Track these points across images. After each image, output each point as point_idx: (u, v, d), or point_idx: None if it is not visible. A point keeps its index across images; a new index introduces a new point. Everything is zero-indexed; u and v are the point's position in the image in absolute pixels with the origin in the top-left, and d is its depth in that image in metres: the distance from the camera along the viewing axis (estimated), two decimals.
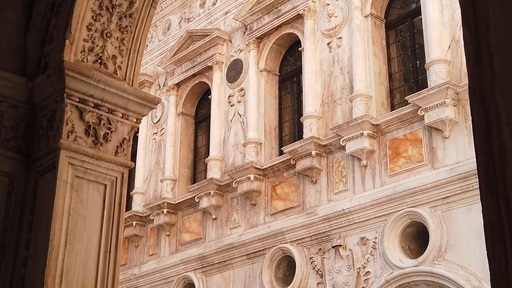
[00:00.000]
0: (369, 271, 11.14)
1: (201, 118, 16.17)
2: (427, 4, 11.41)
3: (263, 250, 12.85)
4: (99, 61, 4.07)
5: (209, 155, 14.66)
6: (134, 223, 15.63)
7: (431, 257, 10.38)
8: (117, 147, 4.08)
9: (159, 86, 16.85)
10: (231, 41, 15.24)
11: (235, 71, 14.86)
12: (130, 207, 16.28)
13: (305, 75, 13.17)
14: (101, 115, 4.04)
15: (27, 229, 3.81)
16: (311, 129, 12.55)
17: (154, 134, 16.52)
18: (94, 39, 4.04)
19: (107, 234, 3.87)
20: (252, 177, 13.20)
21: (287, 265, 12.58)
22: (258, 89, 14.18)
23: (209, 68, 15.37)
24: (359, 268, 11.24)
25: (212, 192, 13.98)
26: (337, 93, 12.64)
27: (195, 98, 16.22)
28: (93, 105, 4.02)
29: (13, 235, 3.83)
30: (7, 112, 4.01)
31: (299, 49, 13.76)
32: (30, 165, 4.00)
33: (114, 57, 4.12)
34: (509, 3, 1.68)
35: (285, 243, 12.46)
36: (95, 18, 4.05)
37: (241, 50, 14.90)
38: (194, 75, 15.85)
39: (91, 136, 3.97)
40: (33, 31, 4.13)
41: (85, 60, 4.02)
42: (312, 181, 12.48)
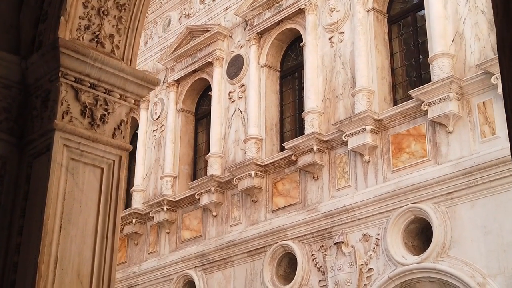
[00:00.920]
0: (371, 268, 11.00)
1: (201, 114, 16.03)
2: None
3: (264, 247, 12.70)
4: (96, 40, 3.92)
5: (209, 152, 14.51)
6: (133, 221, 15.50)
7: (435, 254, 10.23)
8: (115, 129, 3.92)
9: (159, 82, 16.66)
10: (231, 37, 15.10)
11: (235, 67, 14.71)
12: (129, 205, 16.17)
13: (306, 70, 13.02)
14: (98, 96, 3.89)
15: (20, 215, 3.66)
16: (312, 124, 12.40)
17: (154, 131, 16.38)
18: (90, 16, 3.88)
19: (104, 219, 3.71)
20: (253, 173, 13.06)
21: (289, 262, 12.44)
22: (259, 85, 14.04)
23: (210, 64, 15.23)
24: (362, 265, 11.09)
25: (212, 189, 13.84)
26: (339, 88, 12.49)
27: (195, 94, 16.07)
28: (89, 85, 3.86)
29: (6, 221, 3.67)
30: None
31: (301, 44, 13.61)
32: (23, 148, 3.84)
33: (111, 36, 3.97)
34: None
35: (286, 240, 12.32)
36: None
37: (241, 45, 14.75)
38: (194, 71, 15.71)
39: (87, 117, 3.82)
40: (27, 9, 3.97)
41: (81, 38, 3.87)
42: (313, 177, 12.33)
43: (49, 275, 3.45)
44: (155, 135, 16.29)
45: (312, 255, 11.91)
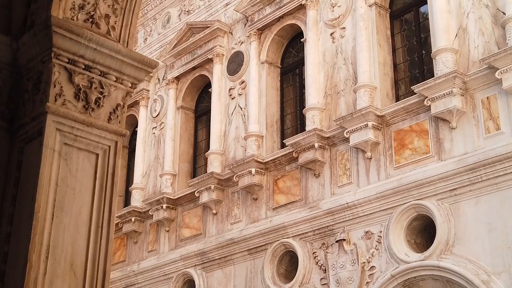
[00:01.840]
0: (374, 266, 10.85)
1: (201, 112, 15.88)
2: None
3: (264, 245, 12.56)
4: (91, 20, 3.75)
5: (209, 149, 14.36)
6: (133, 219, 15.37)
7: (438, 251, 10.08)
8: (110, 113, 3.75)
9: (159, 79, 16.56)
10: (231, 33, 14.95)
11: (236, 63, 14.56)
12: (128, 203, 16.05)
13: (307, 66, 12.88)
14: (93, 78, 3.72)
15: (11, 203, 3.49)
16: (313, 121, 12.25)
17: (153, 128, 16.23)
18: None
19: (99, 207, 3.54)
20: (253, 170, 12.91)
21: (290, 261, 12.29)
22: (259, 82, 13.89)
23: (210, 60, 15.08)
24: (364, 263, 10.94)
25: (212, 186, 13.69)
26: (341, 84, 12.34)
27: (195, 91, 15.92)
28: (83, 67, 3.68)
29: None
30: None
31: (301, 40, 13.47)
32: (14, 133, 3.68)
33: (107, 16, 3.80)
34: None
35: (287, 238, 12.17)
36: None
37: (242, 42, 14.61)
38: (194, 68, 15.56)
39: (82, 100, 3.65)
40: None
41: (75, 18, 3.70)
42: (315, 174, 12.18)
43: (41, 265, 3.29)
44: (154, 133, 16.14)
45: (313, 253, 11.77)
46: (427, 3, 11.58)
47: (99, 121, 3.67)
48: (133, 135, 17.17)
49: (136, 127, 16.84)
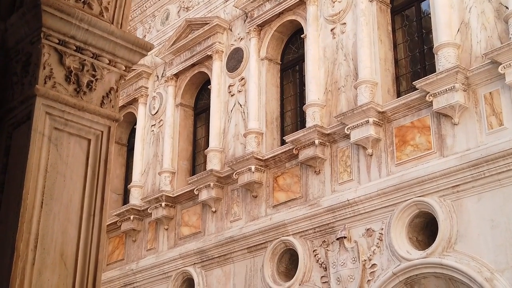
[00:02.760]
0: (375, 264, 10.72)
1: (200, 109, 15.74)
2: None
3: (264, 243, 12.43)
4: (83, 0, 3.61)
5: (208, 147, 14.22)
6: (131, 217, 15.23)
7: (441, 248, 9.94)
8: (103, 97, 3.60)
9: (157, 77, 16.42)
10: (231, 30, 14.81)
11: (235, 60, 14.43)
12: (127, 201, 15.92)
13: (307, 62, 12.74)
14: (84, 60, 3.57)
15: None
16: (314, 117, 12.11)
17: (152, 126, 16.10)
18: None
19: (90, 195, 3.39)
20: (253, 168, 12.77)
21: (290, 259, 12.15)
22: (259, 78, 13.75)
23: (209, 57, 14.94)
24: (365, 260, 10.81)
25: (211, 184, 13.55)
26: (341, 80, 12.21)
27: (194, 88, 15.78)
28: (75, 48, 3.53)
29: None
30: None
31: (302, 36, 13.33)
32: (2, 118, 3.53)
33: None
34: None
35: (287, 236, 12.03)
36: None
37: (241, 38, 14.47)
38: (193, 65, 15.42)
39: (73, 83, 3.50)
40: None
41: None
42: (315, 171, 12.04)
43: (29, 255, 3.15)
44: (153, 130, 16.01)
45: (313, 251, 11.63)
46: None
47: (91, 105, 3.53)
48: (132, 133, 17.05)
49: (134, 124, 16.71)
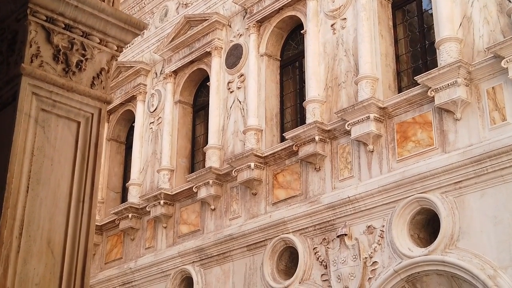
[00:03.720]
0: (376, 261, 10.57)
1: (199, 106, 15.60)
2: None
3: (264, 241, 12.28)
4: None
5: (207, 144, 14.07)
6: (130, 215, 15.10)
7: (443, 245, 9.79)
8: (94, 78, 3.43)
9: (156, 74, 16.28)
10: (230, 26, 14.67)
11: (234, 56, 14.28)
12: (125, 199, 15.79)
13: (307, 58, 12.59)
14: (74, 39, 3.41)
15: None
16: (314, 113, 11.97)
17: (150, 123, 15.95)
18: None
19: (80, 180, 3.23)
20: (252, 165, 12.62)
21: (290, 256, 12.01)
22: (258, 75, 13.61)
23: (208, 54, 14.80)
24: (366, 258, 10.66)
25: (210, 181, 13.40)
26: (342, 76, 12.06)
27: (193, 85, 15.64)
28: (63, 26, 3.37)
29: None
30: None
31: (302, 32, 13.18)
32: None
33: None
34: None
35: (287, 233, 11.89)
36: None
37: (240, 34, 14.32)
38: (192, 62, 15.27)
39: (61, 63, 3.34)
40: None
41: None
42: (315, 168, 11.89)
43: (13, 242, 2.99)
44: (152, 128, 15.86)
45: (314, 249, 11.48)
46: None
47: (81, 86, 3.36)
48: (130, 130, 16.91)
49: (133, 122, 16.58)
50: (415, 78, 10.77)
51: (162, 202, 14.33)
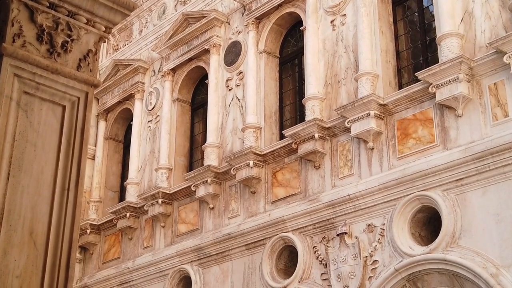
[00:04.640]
0: (376, 260, 10.42)
1: (197, 104, 15.45)
2: None
3: (263, 240, 12.13)
4: None
5: (206, 142, 13.92)
6: (127, 215, 14.95)
7: (444, 244, 9.65)
8: (80, 60, 3.27)
9: (154, 72, 16.14)
10: (229, 23, 14.53)
11: (233, 53, 14.13)
12: (123, 198, 15.65)
13: (307, 55, 12.44)
14: (59, 19, 3.25)
15: None
16: (313, 111, 11.82)
17: (148, 121, 15.81)
18: None
19: (65, 167, 3.08)
20: (251, 163, 12.47)
21: (289, 255, 11.86)
22: (257, 72, 13.47)
23: (206, 51, 14.65)
24: (366, 256, 10.51)
25: (209, 180, 13.25)
26: (341, 73, 11.92)
27: (191, 83, 15.49)
28: (48, 5, 3.20)
29: None
30: None
31: (301, 28, 13.04)
32: None
33: None
34: None
35: (286, 232, 11.74)
36: None
37: (239, 31, 14.18)
38: (190, 60, 15.13)
39: (45, 43, 3.18)
40: None
41: None
42: (315, 166, 11.75)
43: None
44: (150, 126, 15.72)
45: (313, 247, 11.33)
46: None
47: (67, 68, 3.20)
48: (128, 129, 16.78)
49: (131, 120, 16.43)
50: (416, 74, 10.62)
51: (160, 201, 14.18)
